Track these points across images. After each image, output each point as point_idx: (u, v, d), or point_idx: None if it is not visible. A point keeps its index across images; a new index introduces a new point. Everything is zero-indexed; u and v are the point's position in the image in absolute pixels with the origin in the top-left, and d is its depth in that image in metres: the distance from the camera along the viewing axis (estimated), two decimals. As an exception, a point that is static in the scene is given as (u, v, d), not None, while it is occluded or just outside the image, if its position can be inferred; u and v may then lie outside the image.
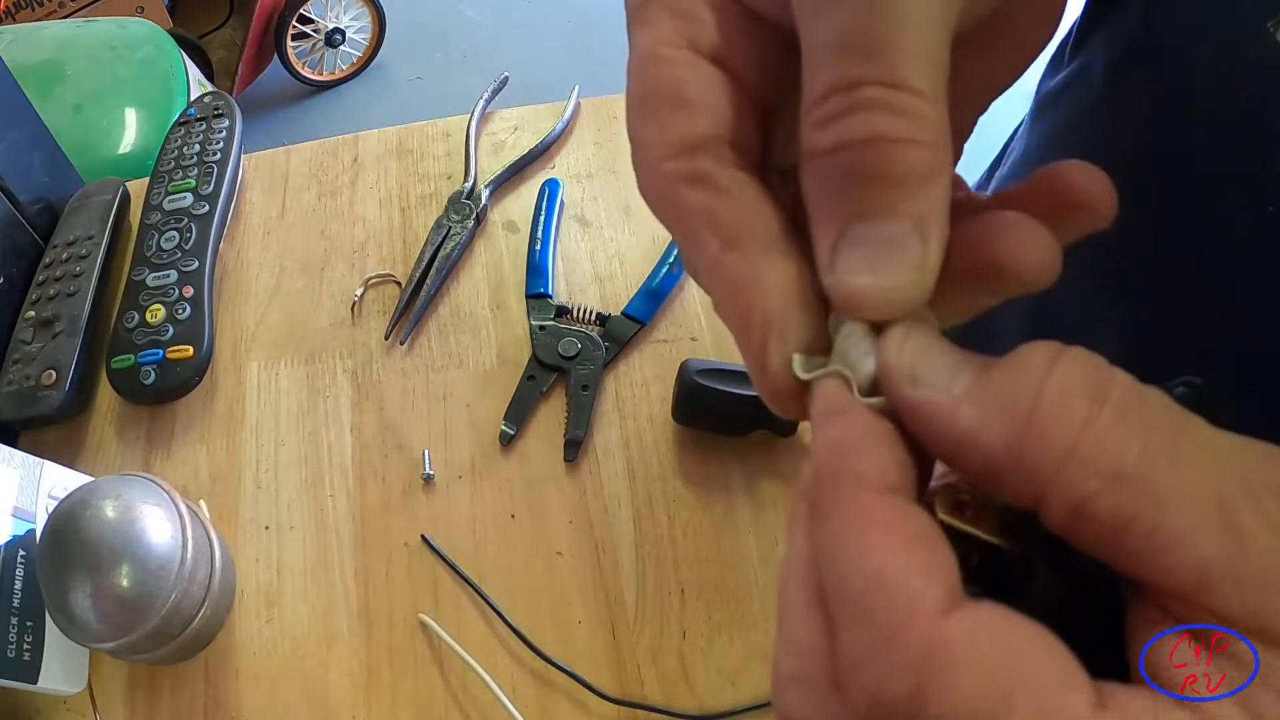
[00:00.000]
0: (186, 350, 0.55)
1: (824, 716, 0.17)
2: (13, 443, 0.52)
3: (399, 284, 0.62)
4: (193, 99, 0.87)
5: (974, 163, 0.66)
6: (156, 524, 0.44)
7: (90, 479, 0.47)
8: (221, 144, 0.65)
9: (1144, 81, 0.39)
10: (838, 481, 0.17)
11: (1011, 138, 0.55)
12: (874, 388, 0.18)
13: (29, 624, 0.44)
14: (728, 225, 0.18)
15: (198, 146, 0.65)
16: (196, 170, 0.63)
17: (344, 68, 2.22)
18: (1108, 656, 0.16)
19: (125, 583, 0.42)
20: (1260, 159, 0.35)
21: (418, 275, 0.61)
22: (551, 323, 0.58)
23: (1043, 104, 0.48)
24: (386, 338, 0.59)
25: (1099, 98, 0.42)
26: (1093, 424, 0.15)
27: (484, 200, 0.64)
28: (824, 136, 0.17)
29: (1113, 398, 0.15)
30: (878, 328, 0.18)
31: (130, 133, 1.34)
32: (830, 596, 0.16)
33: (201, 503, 0.53)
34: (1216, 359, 0.36)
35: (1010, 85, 0.21)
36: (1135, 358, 0.39)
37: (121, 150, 1.32)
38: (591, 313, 0.58)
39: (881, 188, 0.16)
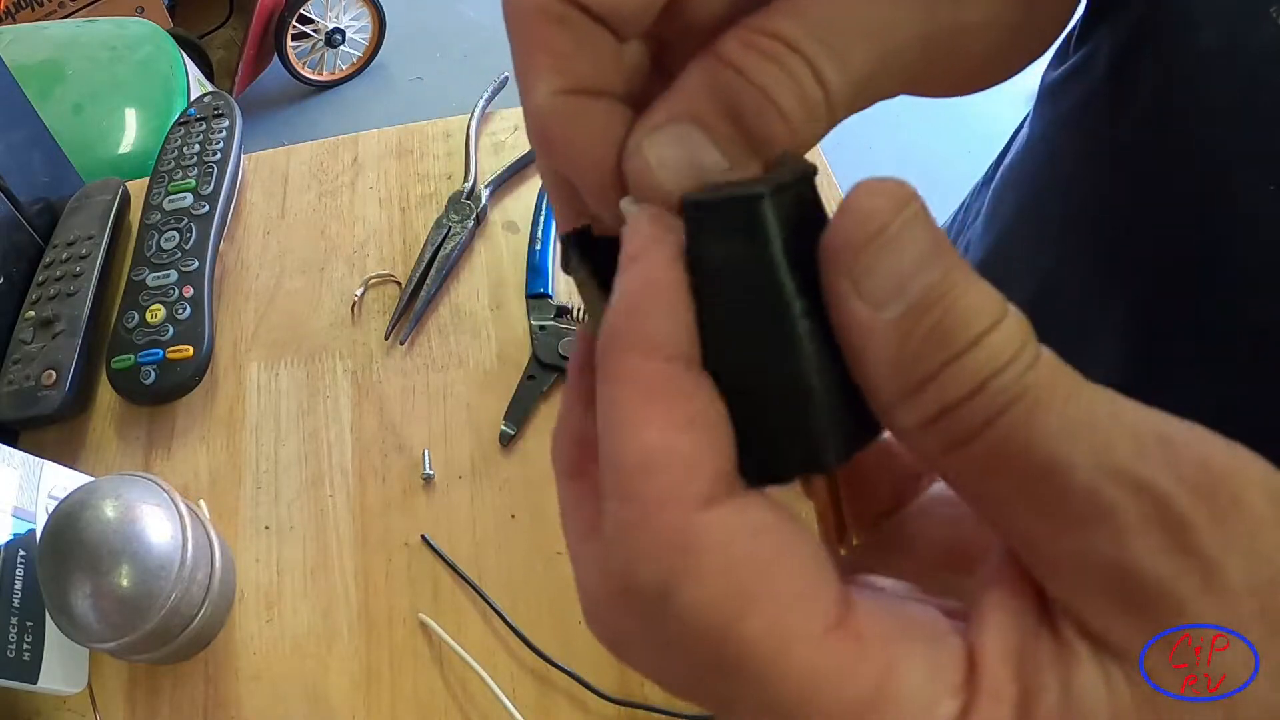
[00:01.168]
0: (186, 350, 0.55)
1: (595, 586, 0.17)
2: (13, 443, 0.52)
3: (399, 284, 0.62)
4: (193, 99, 0.87)
5: (975, 163, 0.66)
6: (156, 524, 0.44)
7: (90, 479, 0.47)
8: (221, 144, 0.65)
9: (1148, 69, 0.40)
10: (623, 342, 0.16)
11: (1012, 138, 0.55)
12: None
13: (29, 624, 0.44)
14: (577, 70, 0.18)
15: (198, 146, 0.65)
16: (196, 170, 0.63)
17: (344, 68, 2.22)
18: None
19: (125, 583, 0.42)
20: (1264, 142, 0.35)
21: (418, 275, 0.61)
22: (551, 323, 0.58)
23: (1047, 94, 0.48)
24: (386, 338, 0.59)
25: (1103, 86, 0.43)
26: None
27: (484, 200, 0.64)
28: None
29: None
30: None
31: (130, 133, 1.34)
32: (600, 462, 0.16)
33: (201, 503, 0.53)
34: (1220, 342, 0.37)
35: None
36: (1137, 343, 0.39)
37: (121, 150, 1.32)
38: (591, 313, 0.58)
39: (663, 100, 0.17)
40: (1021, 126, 0.54)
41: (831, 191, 0.64)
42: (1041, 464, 0.14)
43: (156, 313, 0.57)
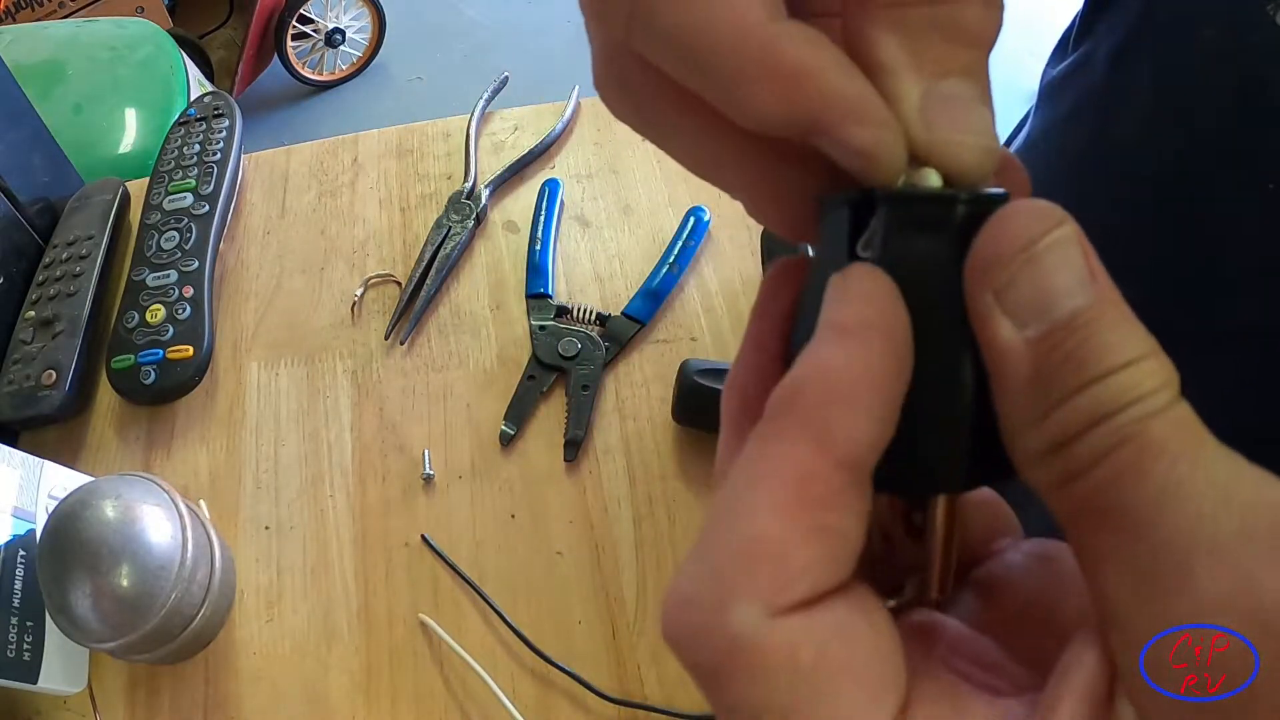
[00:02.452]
0: (186, 350, 0.55)
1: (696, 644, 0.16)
2: (13, 443, 0.52)
3: (399, 284, 0.62)
4: (193, 99, 0.87)
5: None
6: (156, 524, 0.44)
7: (90, 479, 0.47)
8: (221, 144, 0.65)
9: (1146, 67, 0.40)
10: (804, 419, 0.15)
11: (1012, 136, 0.55)
12: None
13: (29, 624, 0.44)
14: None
15: (198, 146, 0.65)
16: (196, 170, 0.63)
17: (344, 68, 2.21)
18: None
19: (125, 583, 0.42)
20: (1261, 139, 0.35)
21: (418, 275, 0.61)
22: (551, 323, 0.58)
23: (1047, 91, 0.48)
24: (386, 338, 0.59)
25: (1102, 83, 0.43)
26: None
27: (484, 200, 0.64)
28: None
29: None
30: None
31: (130, 133, 1.34)
32: (716, 506, 0.16)
33: (201, 503, 0.53)
34: (1216, 338, 0.37)
35: None
36: None
37: (121, 150, 1.32)
38: (591, 313, 0.58)
39: (962, 45, 0.16)
40: (1022, 124, 0.54)
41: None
42: (1149, 511, 0.13)
43: (156, 313, 0.57)
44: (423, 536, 0.51)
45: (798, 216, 0.19)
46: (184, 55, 1.50)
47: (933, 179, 0.16)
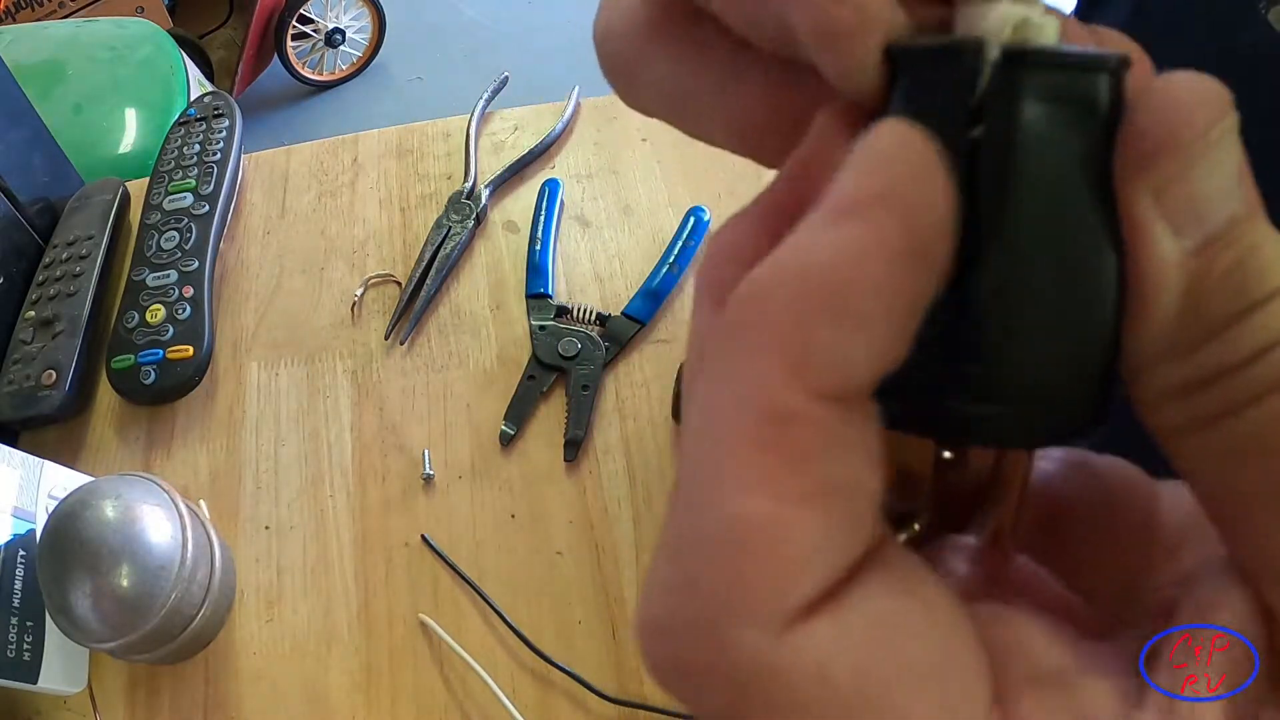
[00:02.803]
0: (186, 350, 0.55)
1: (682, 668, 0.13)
2: (13, 443, 0.52)
3: (399, 284, 0.62)
4: (193, 99, 0.87)
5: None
6: (156, 524, 0.44)
7: (90, 479, 0.47)
8: (221, 144, 0.65)
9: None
10: (773, 343, 0.11)
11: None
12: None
13: (29, 624, 0.44)
14: None
15: (198, 146, 0.65)
16: (196, 170, 0.63)
17: (344, 68, 2.21)
18: None
19: (125, 583, 0.42)
20: (1254, 139, 0.35)
21: (418, 275, 0.61)
22: (551, 323, 0.58)
23: None
24: (386, 338, 0.59)
25: None
26: None
27: (484, 200, 0.64)
28: None
29: None
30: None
31: (130, 133, 1.34)
32: (676, 491, 0.12)
33: (201, 503, 0.53)
34: None
35: None
36: None
37: (121, 150, 1.32)
38: (591, 313, 0.58)
39: None
40: None
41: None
42: None
43: (156, 313, 0.57)
44: (423, 536, 0.51)
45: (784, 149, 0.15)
46: (184, 55, 1.50)
47: (1015, 10, 0.12)
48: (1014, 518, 0.15)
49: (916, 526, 0.15)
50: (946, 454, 0.14)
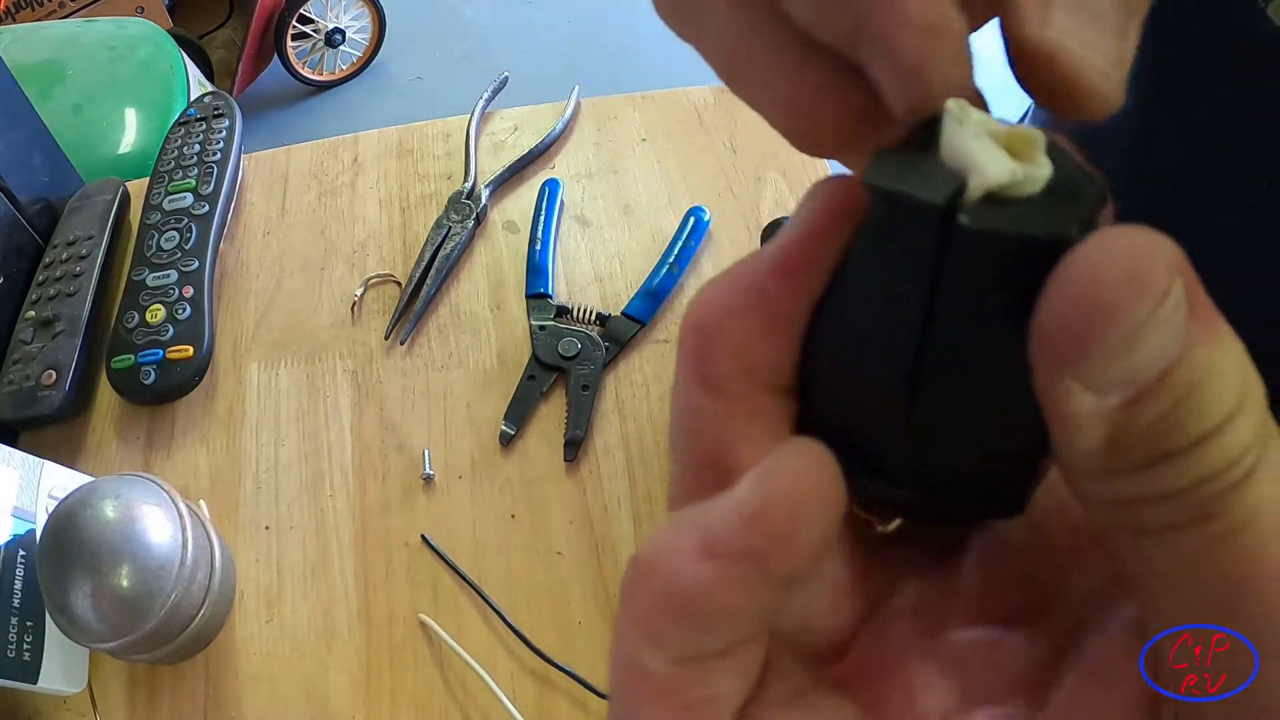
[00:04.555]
0: (186, 350, 0.55)
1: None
2: (13, 443, 0.52)
3: (399, 284, 0.62)
4: (193, 99, 0.87)
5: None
6: (156, 524, 0.44)
7: (90, 479, 0.47)
8: (221, 144, 0.65)
9: (1140, 62, 0.40)
10: (632, 610, 0.14)
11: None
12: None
13: (29, 624, 0.44)
14: None
15: (198, 146, 0.65)
16: (196, 170, 0.63)
17: (344, 68, 2.21)
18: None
19: (125, 583, 0.42)
20: (1255, 134, 0.35)
21: (418, 275, 0.61)
22: (551, 323, 0.58)
23: None
24: (386, 338, 0.59)
25: None
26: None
27: (484, 200, 0.64)
28: None
29: None
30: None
31: (130, 133, 1.34)
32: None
33: (201, 503, 0.53)
34: None
35: None
36: None
37: (121, 150, 1.32)
38: (591, 313, 0.58)
39: None
40: (1023, 120, 0.54)
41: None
42: (1227, 590, 0.12)
43: (156, 313, 0.57)
44: (423, 536, 0.51)
45: (833, 136, 0.15)
46: (184, 55, 1.50)
47: (1003, 164, 0.12)
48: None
49: (889, 527, 0.16)
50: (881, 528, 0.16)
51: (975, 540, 0.17)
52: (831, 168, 0.64)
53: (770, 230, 0.61)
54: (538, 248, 0.61)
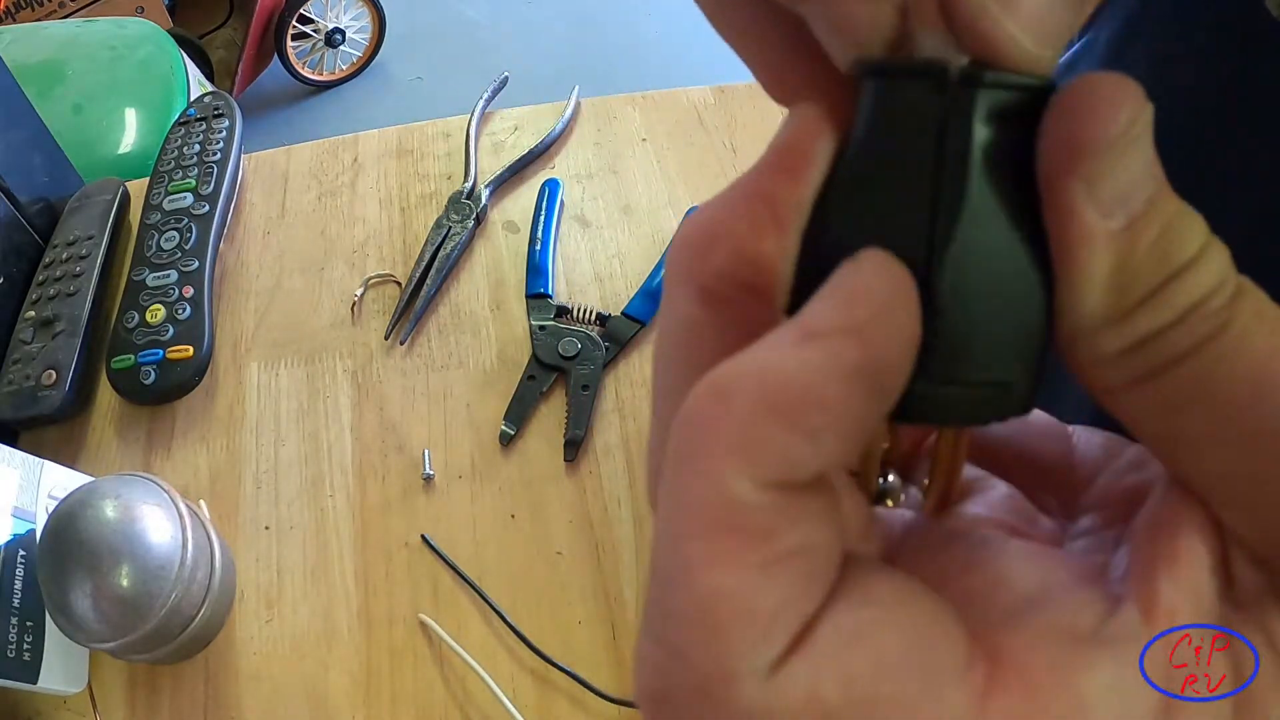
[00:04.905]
0: (186, 350, 0.55)
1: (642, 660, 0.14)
2: (13, 443, 0.52)
3: (399, 284, 0.62)
4: (193, 99, 0.87)
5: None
6: (156, 524, 0.44)
7: (90, 479, 0.47)
8: (221, 144, 0.65)
9: (1143, 56, 0.40)
10: (721, 444, 0.12)
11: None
12: None
13: (29, 624, 0.44)
14: None
15: (198, 146, 0.65)
16: (196, 170, 0.63)
17: (344, 68, 2.21)
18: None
19: (125, 583, 0.42)
20: (1257, 129, 0.36)
21: (418, 275, 0.61)
22: (551, 323, 0.58)
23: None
24: (386, 338, 0.59)
25: (1103, 69, 0.43)
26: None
27: (484, 200, 0.64)
28: None
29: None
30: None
31: (130, 133, 1.34)
32: (652, 565, 0.13)
33: (201, 503, 0.53)
34: None
35: None
36: None
37: (121, 150, 1.32)
38: (591, 313, 0.58)
39: None
40: None
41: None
42: (1249, 392, 0.13)
43: (156, 313, 0.57)
44: (423, 536, 0.51)
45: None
46: (184, 55, 1.50)
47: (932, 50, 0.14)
48: (957, 480, 0.17)
49: (890, 502, 0.17)
50: (888, 477, 0.16)
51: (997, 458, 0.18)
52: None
53: None
54: (538, 248, 0.61)
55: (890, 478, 0.17)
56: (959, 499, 0.17)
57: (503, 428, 0.54)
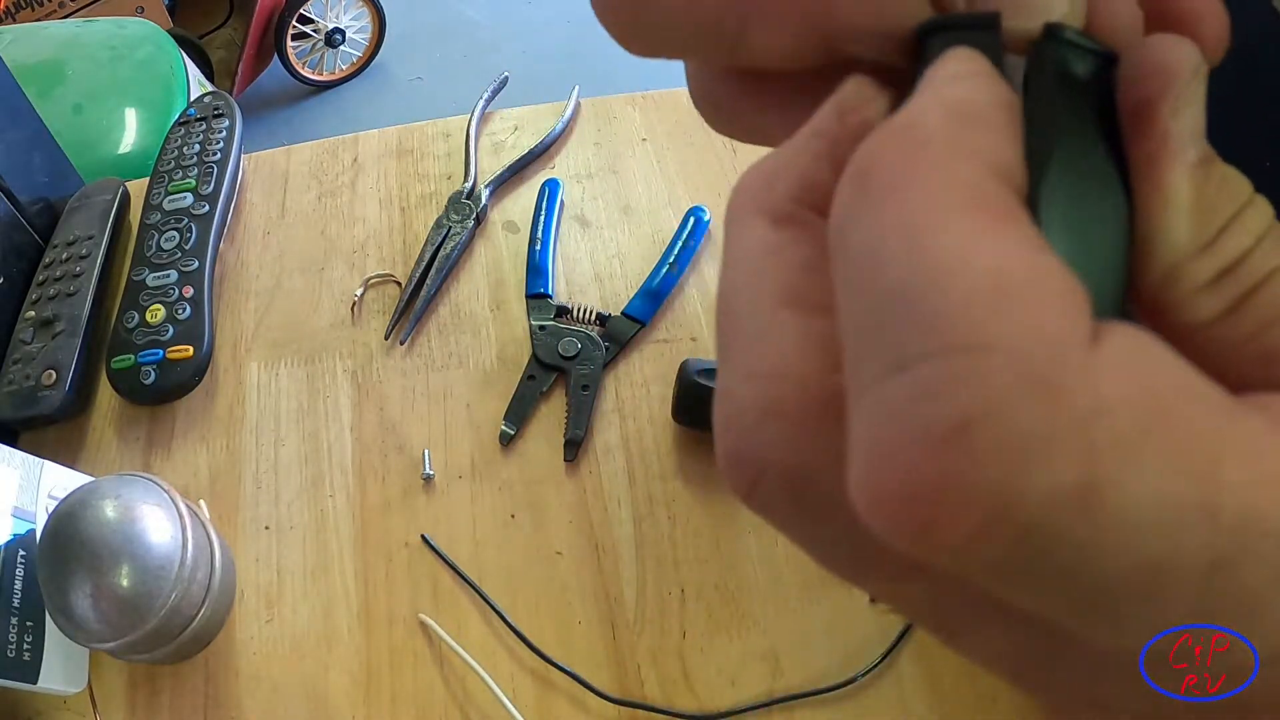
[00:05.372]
0: (186, 350, 0.55)
1: (812, 458, 0.13)
2: (13, 443, 0.52)
3: (399, 284, 0.62)
4: (193, 99, 0.87)
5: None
6: (156, 524, 0.44)
7: (90, 479, 0.47)
8: (221, 144, 0.65)
9: None
10: (947, 148, 0.12)
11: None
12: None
13: (29, 624, 0.44)
14: None
15: (198, 146, 0.65)
16: (196, 170, 0.63)
17: (344, 68, 2.22)
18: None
19: (125, 583, 0.42)
20: (1257, 118, 0.36)
21: (418, 275, 0.61)
22: (551, 323, 0.58)
23: None
24: (386, 338, 0.59)
25: None
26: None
27: (484, 200, 0.64)
28: None
29: None
30: None
31: (130, 133, 1.34)
32: (870, 307, 0.12)
33: (201, 503, 0.53)
34: None
35: None
36: None
37: (121, 150, 1.32)
38: (591, 313, 0.58)
39: None
40: None
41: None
42: None
43: (156, 313, 0.57)
44: (423, 536, 0.51)
45: None
46: (184, 55, 1.50)
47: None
48: None
49: None
50: None
51: None
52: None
53: None
54: (538, 248, 0.61)
55: None
56: None
57: (503, 428, 0.54)
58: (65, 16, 1.74)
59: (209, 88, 1.58)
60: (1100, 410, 0.10)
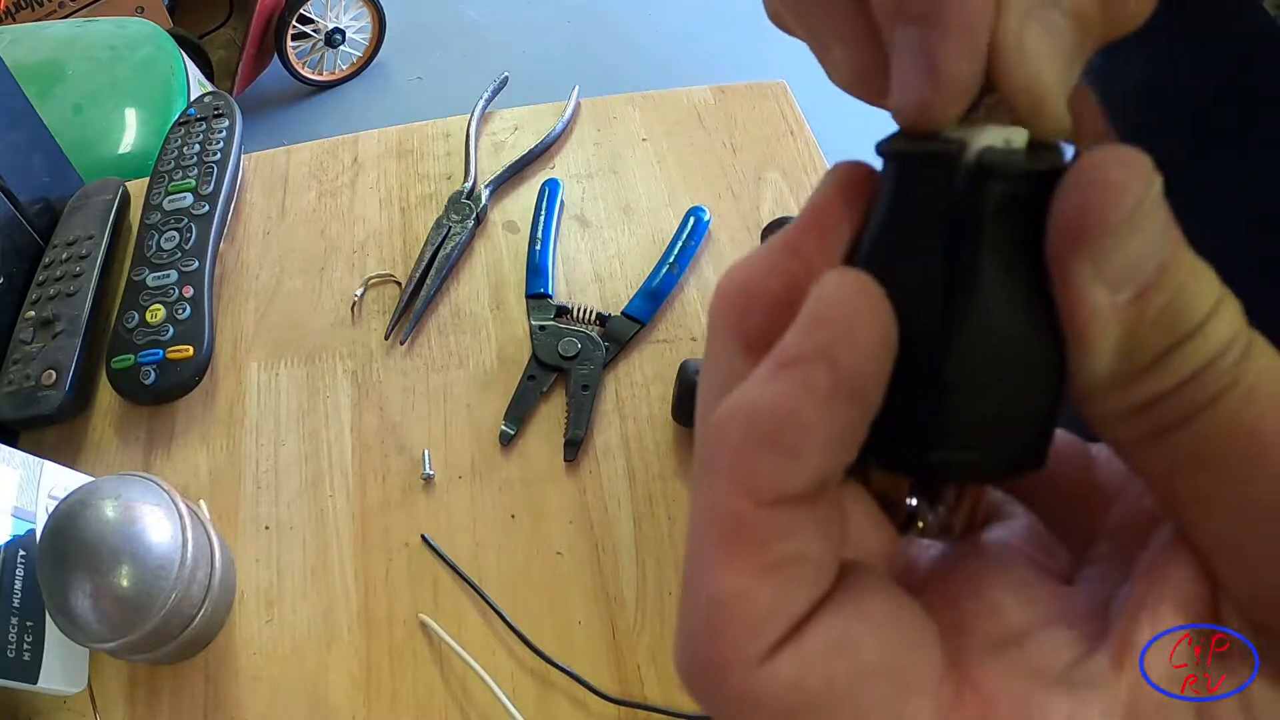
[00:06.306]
0: (186, 350, 0.55)
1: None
2: (13, 443, 0.52)
3: (399, 284, 0.62)
4: (193, 99, 0.87)
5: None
6: (156, 524, 0.44)
7: (90, 479, 0.47)
8: (221, 144, 0.65)
9: (1138, 50, 0.41)
10: (722, 461, 0.14)
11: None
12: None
13: (29, 624, 0.44)
14: None
15: (198, 146, 0.65)
16: (196, 170, 0.63)
17: (344, 68, 2.21)
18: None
19: (125, 583, 0.42)
20: (1251, 120, 0.36)
21: (418, 275, 0.61)
22: (551, 323, 0.58)
23: None
24: (386, 338, 0.59)
25: (1101, 58, 0.44)
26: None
27: (484, 200, 0.64)
28: None
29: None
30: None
31: (130, 133, 1.34)
32: (686, 553, 0.15)
33: (201, 503, 0.53)
34: None
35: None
36: None
37: (121, 150, 1.32)
38: (591, 313, 0.58)
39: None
40: None
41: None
42: (1249, 451, 0.13)
43: (156, 313, 0.57)
44: (423, 536, 0.51)
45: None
46: (184, 55, 1.50)
47: (995, 133, 0.14)
48: (980, 506, 0.18)
49: (921, 525, 0.17)
50: (913, 500, 0.17)
51: (1013, 506, 0.19)
52: (828, 162, 0.64)
53: (770, 230, 0.61)
54: (538, 248, 0.61)
55: (914, 502, 0.17)
56: (981, 524, 0.18)
57: (503, 428, 0.54)
58: (65, 16, 1.74)
59: (209, 88, 1.58)
60: (761, 706, 0.14)
